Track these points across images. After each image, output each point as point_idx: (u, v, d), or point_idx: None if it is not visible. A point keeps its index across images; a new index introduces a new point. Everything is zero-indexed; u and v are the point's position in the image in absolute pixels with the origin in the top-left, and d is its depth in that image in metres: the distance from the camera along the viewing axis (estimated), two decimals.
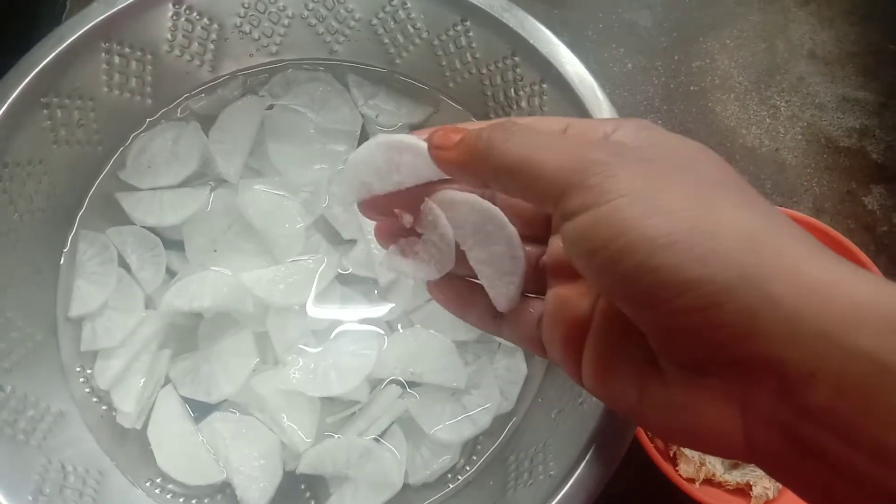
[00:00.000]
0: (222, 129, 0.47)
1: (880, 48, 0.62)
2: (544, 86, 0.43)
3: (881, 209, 0.57)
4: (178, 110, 0.48)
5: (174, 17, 0.45)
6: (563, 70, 0.42)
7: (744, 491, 0.45)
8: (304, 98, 0.48)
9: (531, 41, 0.43)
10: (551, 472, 0.36)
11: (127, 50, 0.44)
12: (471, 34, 0.45)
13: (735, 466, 0.46)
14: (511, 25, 0.43)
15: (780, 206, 0.51)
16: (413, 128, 0.49)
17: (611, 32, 0.61)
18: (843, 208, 0.57)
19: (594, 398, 0.37)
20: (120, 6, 0.42)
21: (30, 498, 0.34)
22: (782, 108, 0.59)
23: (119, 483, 0.40)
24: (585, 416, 0.37)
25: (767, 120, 0.59)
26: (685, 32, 0.62)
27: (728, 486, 0.45)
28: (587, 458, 0.34)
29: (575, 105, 0.42)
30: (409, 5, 0.45)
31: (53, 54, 0.41)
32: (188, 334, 0.44)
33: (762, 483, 0.45)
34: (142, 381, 0.43)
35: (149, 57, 0.46)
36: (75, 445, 0.40)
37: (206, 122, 0.48)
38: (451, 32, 0.46)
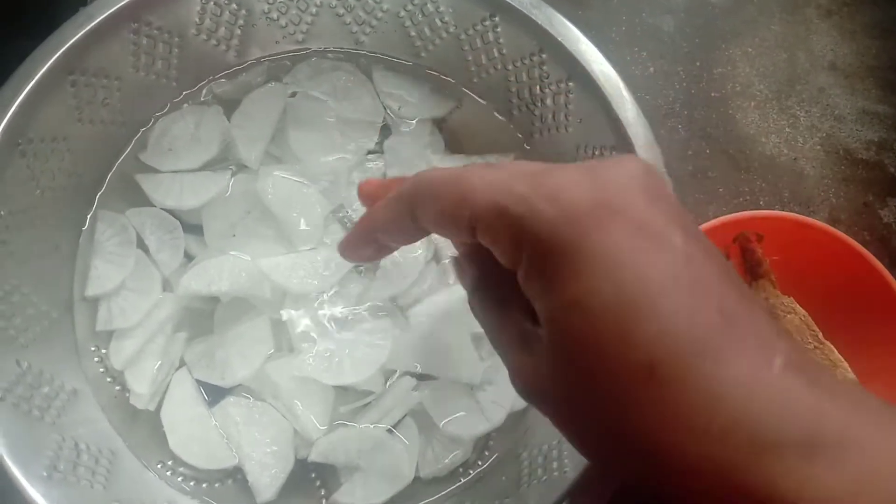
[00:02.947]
0: (245, 115, 0.47)
1: None
2: (570, 84, 0.43)
3: None
4: (202, 94, 0.48)
5: (203, 1, 0.44)
6: (590, 69, 0.42)
7: None
8: (326, 87, 0.48)
9: (559, 38, 0.43)
10: (566, 470, 0.36)
11: (155, 31, 0.44)
12: (499, 30, 0.45)
13: None
14: (539, 22, 0.43)
15: (799, 214, 0.51)
16: (436, 122, 0.49)
17: (633, 35, 0.61)
18: (859, 220, 0.57)
19: None
20: None
21: (44, 474, 0.34)
22: (802, 119, 0.59)
23: (130, 464, 0.40)
24: None
25: (787, 129, 0.59)
26: (707, 39, 0.62)
27: None
28: None
29: (600, 104, 0.42)
30: None
31: (82, 32, 0.40)
32: (204, 318, 0.44)
33: None
34: (157, 363, 0.43)
35: (176, 39, 0.45)
36: (88, 424, 0.40)
37: (229, 106, 0.48)
38: (478, 27, 0.46)
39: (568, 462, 0.37)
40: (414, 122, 0.48)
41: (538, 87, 0.46)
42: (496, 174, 0.22)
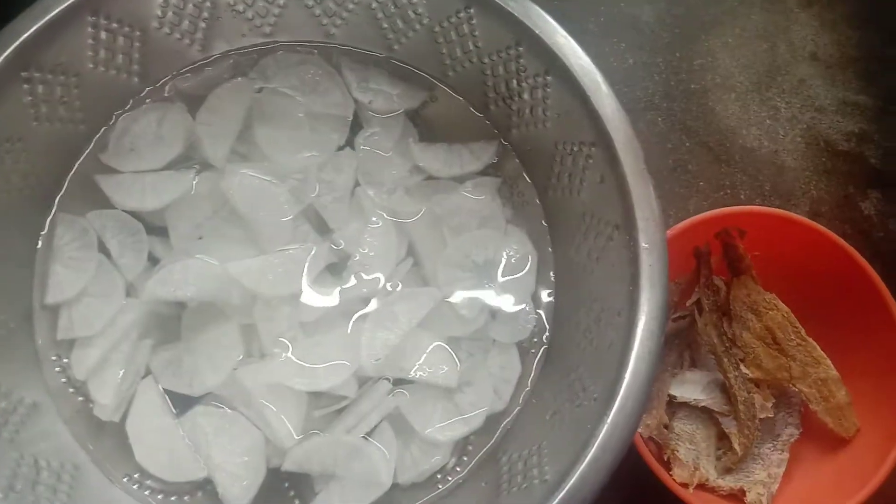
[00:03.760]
0: (210, 111, 0.46)
1: (881, 53, 0.62)
2: (548, 78, 0.42)
3: (877, 215, 0.57)
4: (165, 90, 0.46)
5: None
6: (568, 62, 0.41)
7: (737, 496, 0.45)
8: (294, 81, 0.46)
9: (536, 31, 0.41)
10: (546, 477, 0.35)
11: (115, 25, 0.42)
12: (474, 22, 0.44)
13: (728, 471, 0.45)
14: (516, 14, 0.42)
15: (778, 208, 0.50)
16: (410, 114, 0.48)
17: (612, 26, 0.60)
18: (840, 212, 0.57)
19: (592, 401, 0.37)
20: None
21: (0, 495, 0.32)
22: (782, 110, 0.59)
23: (95, 478, 0.38)
24: (582, 420, 0.36)
25: (767, 121, 0.58)
26: (687, 29, 0.61)
27: (721, 491, 0.45)
28: (584, 463, 0.33)
29: (579, 98, 0.41)
30: None
31: (37, 26, 0.39)
32: (171, 323, 0.42)
33: (756, 489, 0.44)
34: (121, 371, 0.41)
35: (137, 33, 0.44)
36: (50, 439, 0.38)
37: (193, 103, 0.46)
38: (453, 20, 0.44)
39: (548, 468, 0.36)
40: (386, 115, 0.47)
41: (515, 81, 0.44)
42: None
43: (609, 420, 0.34)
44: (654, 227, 0.38)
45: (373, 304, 0.43)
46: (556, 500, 0.33)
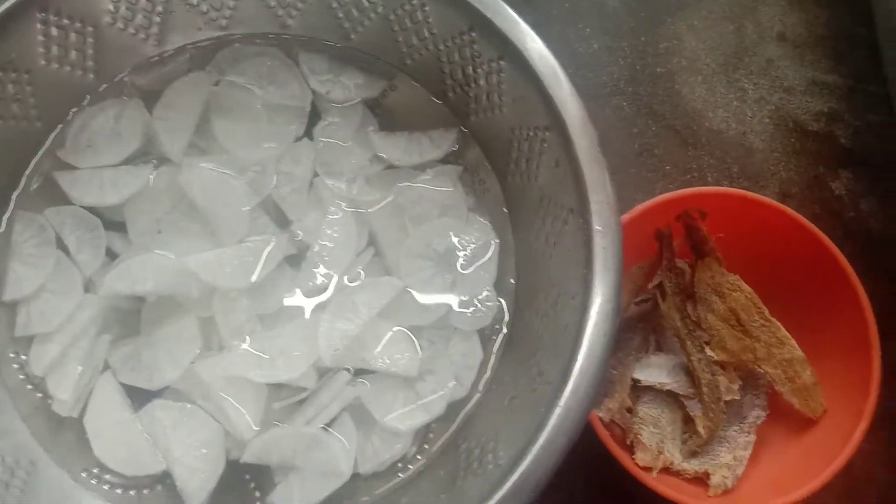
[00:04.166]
0: (167, 106, 0.45)
1: (850, 32, 0.62)
2: (502, 63, 0.42)
3: (848, 194, 0.56)
4: (122, 86, 0.46)
5: None
6: (522, 46, 0.40)
7: (702, 480, 0.45)
8: (251, 73, 0.46)
9: (489, 16, 0.41)
10: (500, 461, 0.35)
11: (65, 21, 0.42)
12: (427, 8, 0.43)
13: (694, 455, 0.45)
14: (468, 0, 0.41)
15: (747, 190, 0.49)
16: (370, 103, 0.47)
17: (577, 11, 0.59)
18: (810, 193, 0.56)
19: (548, 384, 0.36)
20: None
21: None
22: (750, 91, 0.58)
23: (52, 474, 0.38)
24: (537, 404, 0.36)
25: (735, 103, 0.58)
26: (653, 12, 0.60)
27: (686, 475, 0.44)
28: (537, 446, 0.33)
29: (533, 82, 0.40)
30: None
31: None
32: (131, 319, 0.42)
33: (721, 472, 0.44)
34: (80, 367, 0.41)
35: (89, 29, 0.43)
36: (6, 437, 0.38)
37: (151, 98, 0.46)
38: (407, 7, 0.44)
39: (503, 454, 0.36)
40: (344, 105, 0.47)
41: (471, 68, 0.44)
42: None
43: (562, 403, 0.34)
44: (607, 210, 0.37)
45: (332, 295, 0.43)
46: (510, 484, 0.32)
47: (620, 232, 0.37)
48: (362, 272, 0.44)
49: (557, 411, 0.34)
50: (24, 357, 0.41)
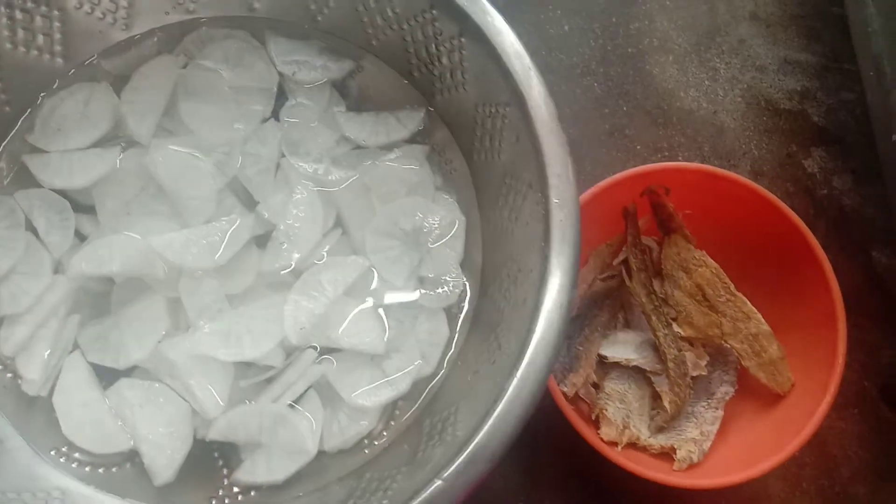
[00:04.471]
0: (135, 89, 0.46)
1: (824, 11, 0.62)
2: (463, 40, 0.42)
3: (821, 172, 0.56)
4: (91, 70, 0.47)
5: None
6: (480, 21, 0.41)
7: (669, 455, 0.45)
8: (218, 55, 0.46)
9: None
10: (458, 433, 0.35)
11: (30, 4, 0.42)
12: None
13: (661, 430, 0.45)
14: None
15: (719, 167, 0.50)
16: (338, 84, 0.48)
17: None
18: (783, 172, 0.56)
19: (506, 357, 0.37)
20: None
21: None
22: (722, 71, 0.58)
23: (19, 453, 0.38)
24: (496, 375, 0.36)
25: (706, 82, 0.58)
26: None
27: (653, 451, 0.45)
28: (493, 417, 0.33)
29: (494, 60, 0.41)
30: None
31: None
32: (102, 300, 0.43)
33: (687, 446, 0.44)
34: (49, 347, 0.41)
35: (56, 13, 0.44)
36: None
37: (119, 82, 0.46)
38: None
39: (461, 425, 0.36)
40: (310, 85, 0.47)
41: (434, 46, 0.44)
42: None
43: (518, 374, 0.34)
44: (565, 184, 0.38)
45: (299, 274, 0.43)
46: (465, 453, 0.33)
47: (578, 206, 0.38)
48: (328, 252, 0.44)
49: (514, 382, 0.34)
50: None
